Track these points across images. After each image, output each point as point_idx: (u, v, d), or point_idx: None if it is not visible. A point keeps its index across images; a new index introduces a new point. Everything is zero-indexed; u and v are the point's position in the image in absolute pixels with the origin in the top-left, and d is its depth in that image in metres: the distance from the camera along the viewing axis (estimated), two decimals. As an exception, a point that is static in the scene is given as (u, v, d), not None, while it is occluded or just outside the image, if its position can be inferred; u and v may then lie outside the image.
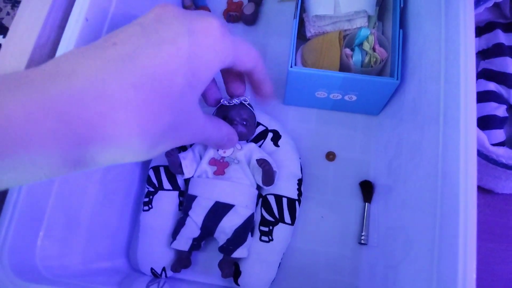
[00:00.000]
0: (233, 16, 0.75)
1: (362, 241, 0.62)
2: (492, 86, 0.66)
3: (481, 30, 0.70)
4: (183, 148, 0.64)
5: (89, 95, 0.26)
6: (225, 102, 0.59)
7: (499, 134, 0.64)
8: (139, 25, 0.33)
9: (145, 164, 0.66)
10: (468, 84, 0.42)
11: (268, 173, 0.58)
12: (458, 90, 0.42)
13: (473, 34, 0.44)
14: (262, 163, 0.57)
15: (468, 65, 0.43)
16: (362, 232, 0.63)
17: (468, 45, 0.43)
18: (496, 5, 0.72)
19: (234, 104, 0.59)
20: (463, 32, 0.44)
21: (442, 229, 0.41)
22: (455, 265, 0.37)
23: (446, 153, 0.43)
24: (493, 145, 0.61)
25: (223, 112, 0.60)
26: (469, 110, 0.41)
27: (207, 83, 0.36)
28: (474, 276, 0.36)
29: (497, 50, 0.67)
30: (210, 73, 0.36)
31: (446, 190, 0.41)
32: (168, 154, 0.58)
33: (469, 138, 0.40)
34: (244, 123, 0.60)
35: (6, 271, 0.37)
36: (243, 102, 0.59)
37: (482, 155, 0.58)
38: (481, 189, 0.66)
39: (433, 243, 0.42)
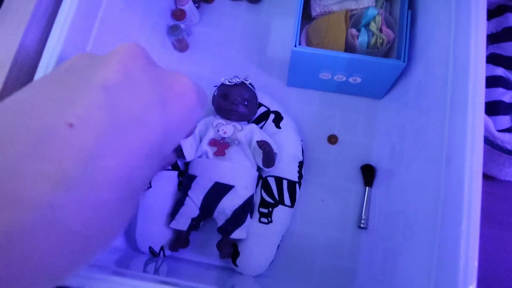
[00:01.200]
0: (236, -7, 0.73)
1: (362, 225, 0.62)
2: (500, 71, 0.65)
3: (491, 13, 0.68)
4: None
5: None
6: (226, 80, 0.58)
7: (505, 120, 0.63)
8: (102, 90, 0.25)
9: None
10: (477, 68, 0.41)
11: (268, 155, 0.57)
12: (467, 74, 0.41)
13: (485, 17, 0.42)
14: (263, 144, 0.56)
15: (478, 49, 0.41)
16: (362, 216, 0.62)
17: (479, 28, 0.42)
18: (508, -13, 0.70)
19: (235, 83, 0.58)
20: (475, 14, 0.43)
21: (444, 216, 0.40)
22: (457, 252, 0.36)
23: (452, 138, 0.42)
24: (499, 131, 0.60)
25: (224, 91, 0.59)
26: (478, 95, 0.40)
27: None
28: (476, 264, 0.36)
29: (507, 34, 0.65)
30: (178, 141, 0.31)
31: (450, 176, 0.41)
32: None
33: (476, 124, 0.39)
34: (246, 103, 0.59)
35: None
36: (244, 81, 0.57)
37: (487, 141, 0.57)
38: (484, 176, 0.65)
39: (434, 229, 0.41)
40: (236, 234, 0.58)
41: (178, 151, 0.58)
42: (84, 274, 0.38)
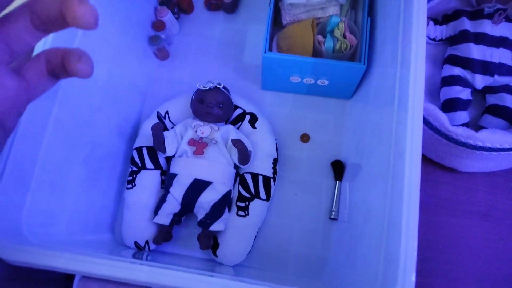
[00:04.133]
0: (214, 4, 0.78)
1: (333, 216, 0.67)
2: (457, 70, 0.70)
3: (449, 18, 0.73)
4: (165, 129, 0.68)
5: None
6: (201, 86, 0.63)
7: (463, 116, 0.68)
8: None
9: (129, 145, 0.70)
10: (417, 68, 0.46)
11: (242, 152, 0.62)
12: (408, 74, 0.46)
13: (425, 24, 0.48)
14: (236, 142, 0.61)
15: (419, 51, 0.46)
16: (332, 208, 0.67)
17: (420, 31, 0.47)
18: (464, -7, 0.76)
19: (210, 88, 0.63)
20: (416, 20, 0.48)
21: (392, 200, 0.45)
22: (399, 233, 0.41)
23: (397, 132, 0.47)
24: (458, 126, 0.65)
25: (200, 95, 0.64)
26: (417, 92, 0.45)
27: None
28: (415, 254, 0.41)
29: (463, 37, 0.70)
30: None
31: (396, 165, 0.45)
32: (155, 128, 0.62)
33: (415, 118, 0.44)
34: (220, 105, 0.64)
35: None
36: (217, 86, 0.63)
37: (443, 135, 0.62)
38: (445, 168, 0.70)
39: (383, 214, 0.46)
40: (214, 227, 0.62)
41: (161, 144, 0.63)
42: (82, 258, 0.42)
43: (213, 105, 0.64)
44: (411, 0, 0.49)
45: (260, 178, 0.65)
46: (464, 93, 0.69)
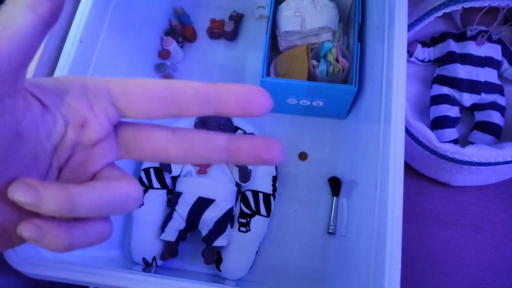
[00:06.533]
0: (215, 33, 0.83)
1: (330, 231, 0.70)
2: (445, 90, 0.74)
3: (436, 40, 0.78)
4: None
5: None
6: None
7: (452, 133, 0.72)
8: None
9: (137, 167, 0.75)
10: (399, 88, 0.50)
11: (243, 171, 0.66)
12: (391, 93, 0.50)
13: (405, 49, 0.52)
14: (236, 162, 0.65)
15: (399, 72, 0.51)
16: (330, 223, 0.70)
17: (400, 56, 0.51)
18: (449, 17, 0.80)
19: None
20: (397, 46, 0.52)
21: (380, 213, 0.48)
22: (384, 245, 0.45)
23: (384, 147, 0.50)
24: (446, 142, 0.69)
25: (202, 118, 0.69)
26: (399, 110, 0.49)
27: None
28: (399, 266, 0.44)
29: (449, 58, 0.74)
30: None
31: (382, 178, 0.49)
32: None
33: (398, 131, 0.48)
34: (222, 127, 0.69)
35: (15, 252, 0.45)
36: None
37: (431, 151, 0.66)
38: (437, 182, 0.73)
39: (372, 227, 0.49)
40: (218, 242, 0.66)
41: (167, 164, 0.67)
42: (94, 271, 0.46)
43: (214, 127, 0.68)
44: (393, 26, 0.54)
45: (261, 195, 0.69)
46: (452, 111, 0.73)
